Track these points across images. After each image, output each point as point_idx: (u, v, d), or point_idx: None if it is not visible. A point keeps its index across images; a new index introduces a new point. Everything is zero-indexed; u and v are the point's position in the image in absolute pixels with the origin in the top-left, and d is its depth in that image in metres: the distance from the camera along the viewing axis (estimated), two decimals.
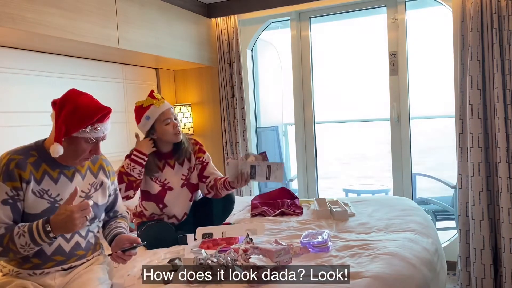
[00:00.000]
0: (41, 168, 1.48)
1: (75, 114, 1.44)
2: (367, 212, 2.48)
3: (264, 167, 2.20)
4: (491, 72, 2.69)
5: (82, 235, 1.57)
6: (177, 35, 3.15)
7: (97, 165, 1.66)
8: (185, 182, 2.33)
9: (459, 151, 2.87)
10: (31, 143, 1.54)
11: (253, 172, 2.21)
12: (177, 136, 2.25)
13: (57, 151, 1.42)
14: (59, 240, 1.50)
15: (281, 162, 2.23)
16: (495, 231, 2.79)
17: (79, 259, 1.56)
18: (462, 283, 2.89)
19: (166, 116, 2.20)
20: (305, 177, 3.61)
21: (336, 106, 7.63)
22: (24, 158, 1.46)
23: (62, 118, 1.43)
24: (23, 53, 2.49)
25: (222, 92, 3.55)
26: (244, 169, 2.20)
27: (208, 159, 2.40)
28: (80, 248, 1.56)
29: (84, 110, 1.45)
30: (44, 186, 1.48)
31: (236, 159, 2.27)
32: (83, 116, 1.44)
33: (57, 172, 1.51)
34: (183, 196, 2.33)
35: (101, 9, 2.48)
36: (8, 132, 2.39)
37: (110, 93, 3.07)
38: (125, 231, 1.69)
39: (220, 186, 2.29)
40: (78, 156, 1.50)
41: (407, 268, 1.66)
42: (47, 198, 1.48)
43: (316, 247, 1.83)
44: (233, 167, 2.21)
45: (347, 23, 4.58)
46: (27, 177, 1.44)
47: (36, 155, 1.49)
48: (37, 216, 1.45)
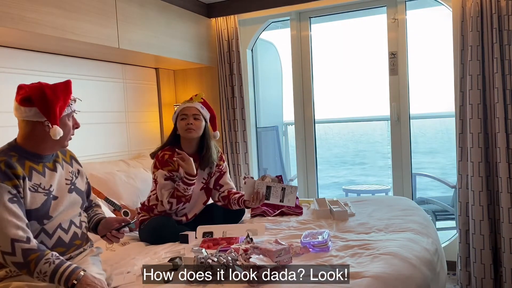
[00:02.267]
0: (26, 165, 1.50)
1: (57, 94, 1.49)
2: (367, 212, 2.48)
3: (279, 189, 2.33)
4: (491, 72, 2.69)
5: (77, 225, 1.63)
6: (177, 35, 3.15)
7: (67, 155, 1.72)
8: (204, 186, 2.43)
9: (459, 151, 2.87)
10: (2, 146, 1.55)
11: (268, 193, 2.33)
12: (188, 133, 2.33)
13: (58, 133, 1.48)
14: (59, 232, 1.54)
15: (295, 186, 2.37)
16: (495, 231, 2.79)
17: (77, 249, 1.61)
18: (462, 283, 2.89)
19: (184, 112, 2.35)
20: (305, 177, 3.61)
21: (336, 106, 7.64)
22: (8, 158, 1.46)
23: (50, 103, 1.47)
24: (23, 53, 2.49)
25: (222, 92, 3.55)
26: (260, 189, 2.32)
27: (226, 169, 2.53)
28: (77, 238, 1.61)
29: (60, 88, 1.52)
30: (35, 181, 1.50)
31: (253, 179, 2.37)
32: (64, 93, 1.52)
33: (40, 166, 1.55)
34: (200, 199, 2.43)
35: (101, 9, 2.48)
36: (9, 132, 2.39)
37: (110, 93, 3.06)
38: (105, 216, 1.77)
39: (234, 202, 2.41)
40: (66, 136, 1.56)
41: (407, 268, 1.66)
42: (41, 191, 1.51)
43: (316, 247, 1.83)
44: (250, 186, 2.33)
45: (347, 23, 4.58)
46: (21, 174, 1.45)
47: (16, 155, 1.50)
48: (37, 210, 1.48)
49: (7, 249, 1.36)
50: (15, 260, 1.37)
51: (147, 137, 3.41)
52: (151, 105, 3.50)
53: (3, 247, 1.37)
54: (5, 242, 1.36)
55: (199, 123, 2.35)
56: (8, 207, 1.39)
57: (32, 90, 1.50)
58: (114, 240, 1.68)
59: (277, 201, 2.35)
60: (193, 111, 2.35)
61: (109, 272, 1.71)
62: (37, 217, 1.48)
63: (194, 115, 2.34)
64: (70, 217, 1.60)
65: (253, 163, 3.68)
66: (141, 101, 3.39)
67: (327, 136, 9.93)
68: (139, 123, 3.36)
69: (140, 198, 2.66)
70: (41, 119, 1.50)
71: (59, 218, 1.55)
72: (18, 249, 1.36)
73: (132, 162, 3.03)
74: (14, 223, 1.38)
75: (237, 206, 2.41)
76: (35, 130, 1.52)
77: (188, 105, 2.38)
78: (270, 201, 2.35)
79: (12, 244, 1.36)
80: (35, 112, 1.49)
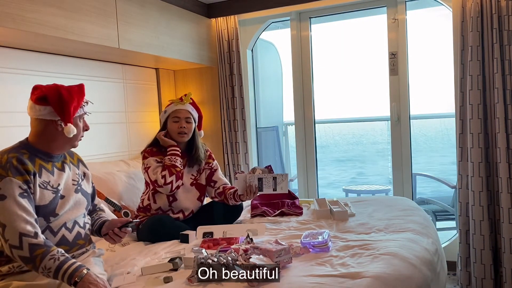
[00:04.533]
0: (36, 163, 1.54)
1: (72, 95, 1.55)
2: (367, 212, 2.48)
3: (270, 179, 2.39)
4: (491, 72, 2.69)
5: (81, 225, 1.66)
6: (177, 35, 3.15)
7: (75, 158, 1.77)
8: (194, 182, 2.50)
9: (459, 151, 2.87)
10: (14, 144, 1.60)
11: (260, 184, 2.39)
12: (180, 136, 2.42)
13: (72, 130, 1.55)
14: (63, 231, 1.58)
15: (285, 173, 2.42)
16: (495, 231, 2.79)
17: (80, 248, 1.64)
18: (462, 283, 2.89)
19: (177, 114, 2.40)
20: (305, 177, 3.61)
21: (336, 106, 7.64)
22: (20, 155, 1.51)
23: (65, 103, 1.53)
24: (23, 53, 2.48)
25: (222, 92, 3.55)
26: (252, 182, 2.38)
27: (217, 166, 2.61)
28: (80, 238, 1.65)
29: (74, 90, 1.57)
30: (45, 179, 1.55)
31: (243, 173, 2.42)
32: (78, 95, 1.58)
33: (50, 164, 1.60)
34: (192, 193, 2.49)
35: (101, 9, 2.48)
36: (9, 132, 2.39)
37: (110, 93, 3.06)
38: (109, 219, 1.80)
39: (230, 196, 2.46)
40: (77, 136, 1.62)
41: (407, 268, 1.66)
42: (50, 188, 1.55)
43: (316, 247, 1.83)
44: (242, 181, 2.38)
45: (347, 23, 4.59)
46: (32, 170, 1.50)
47: (28, 152, 1.55)
48: (46, 207, 1.52)
49: (15, 242, 1.39)
50: (22, 254, 1.39)
51: (147, 137, 3.38)
52: (151, 105, 3.50)
53: (11, 241, 1.40)
54: (14, 235, 1.39)
55: (190, 126, 2.44)
56: (18, 202, 1.42)
57: (48, 90, 1.55)
58: (116, 239, 1.71)
59: (270, 190, 2.41)
60: (185, 114, 2.42)
61: (109, 272, 1.72)
62: (44, 214, 1.52)
63: (186, 118, 2.42)
64: (74, 216, 1.63)
65: (253, 163, 3.68)
66: (141, 101, 3.39)
67: (327, 136, 9.94)
68: (139, 123, 3.36)
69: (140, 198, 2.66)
70: (54, 118, 1.56)
71: (64, 217, 1.59)
72: (25, 243, 1.39)
73: (132, 162, 3.03)
74: (24, 218, 1.41)
75: (233, 200, 2.45)
76: (47, 129, 1.57)
77: (180, 107, 2.43)
78: (264, 191, 2.41)
79: (20, 238, 1.39)
80: (49, 111, 1.55)
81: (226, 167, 3.56)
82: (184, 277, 1.59)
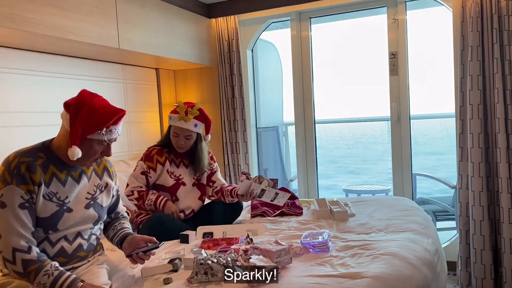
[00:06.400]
0: (49, 170, 1.47)
1: (92, 116, 1.44)
2: (367, 212, 2.48)
3: (272, 193, 2.46)
4: (491, 72, 2.69)
5: (85, 237, 1.59)
6: (177, 35, 3.15)
7: (101, 166, 1.67)
8: (196, 182, 2.54)
9: (459, 151, 2.87)
10: (37, 143, 1.53)
11: (261, 194, 2.46)
12: (179, 149, 2.47)
13: (76, 154, 1.43)
14: (62, 242, 1.51)
15: (287, 193, 2.48)
16: (495, 231, 2.79)
17: (80, 261, 1.58)
18: (463, 283, 2.89)
19: (177, 130, 2.42)
20: (305, 177, 3.61)
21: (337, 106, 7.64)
22: (33, 160, 1.45)
23: (79, 120, 1.43)
24: (23, 53, 2.49)
25: (222, 92, 3.54)
26: (255, 190, 2.43)
27: (217, 168, 2.66)
28: (82, 250, 1.58)
29: (100, 112, 1.46)
30: (52, 189, 1.48)
31: (251, 179, 2.44)
32: (99, 119, 1.45)
33: (64, 173, 1.52)
34: (194, 193, 2.53)
35: (101, 9, 2.48)
36: (9, 132, 2.39)
37: (110, 93, 3.06)
38: (131, 232, 1.74)
39: (227, 193, 2.50)
40: (89, 158, 1.51)
41: (407, 268, 1.66)
42: (55, 201, 1.48)
43: (317, 247, 1.83)
44: (246, 185, 2.43)
45: (347, 23, 4.58)
46: (38, 180, 1.43)
47: (44, 157, 1.48)
48: (46, 220, 1.46)
49: (8, 257, 1.37)
50: (15, 269, 1.38)
51: (147, 137, 3.41)
52: (151, 105, 3.50)
53: (4, 253, 1.38)
54: (7, 249, 1.37)
55: (190, 142, 2.46)
56: (16, 214, 1.38)
57: (77, 99, 1.47)
58: (139, 262, 1.65)
59: (268, 200, 2.49)
60: (186, 132, 2.41)
61: (109, 272, 1.71)
62: (43, 226, 1.47)
63: (186, 136, 2.42)
64: (78, 230, 1.56)
65: (253, 163, 3.68)
66: (141, 101, 3.39)
67: (327, 136, 9.94)
68: (139, 123, 3.36)
69: None
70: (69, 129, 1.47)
71: (66, 231, 1.52)
72: (18, 258, 1.37)
73: (132, 163, 3.03)
74: (18, 231, 1.38)
75: (230, 197, 2.49)
76: (66, 136, 1.48)
77: (182, 125, 2.38)
78: (262, 199, 2.48)
79: (13, 253, 1.37)
80: (67, 120, 1.47)
81: (226, 167, 3.56)
82: (184, 278, 1.59)
